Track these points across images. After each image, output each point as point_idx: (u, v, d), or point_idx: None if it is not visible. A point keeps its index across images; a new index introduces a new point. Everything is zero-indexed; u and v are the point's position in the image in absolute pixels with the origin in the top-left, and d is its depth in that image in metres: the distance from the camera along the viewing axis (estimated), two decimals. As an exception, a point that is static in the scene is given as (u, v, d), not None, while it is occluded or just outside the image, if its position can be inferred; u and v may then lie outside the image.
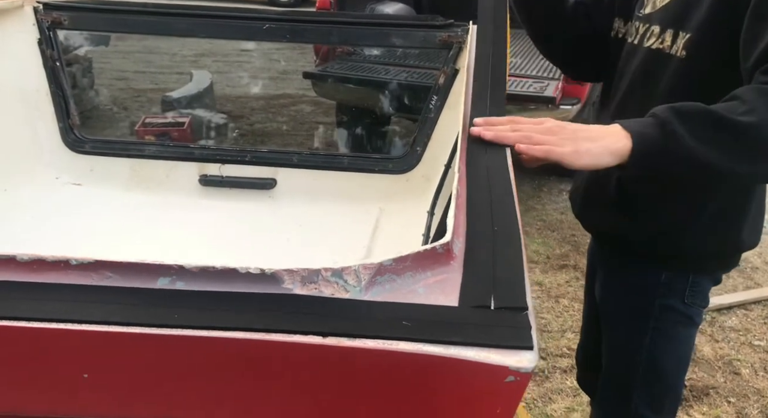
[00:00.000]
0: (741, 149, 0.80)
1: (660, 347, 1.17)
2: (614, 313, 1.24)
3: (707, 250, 1.12)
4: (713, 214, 1.07)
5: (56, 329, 0.49)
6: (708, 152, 0.80)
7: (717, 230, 1.09)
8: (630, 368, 1.20)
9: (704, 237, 1.09)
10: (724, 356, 2.41)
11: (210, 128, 4.28)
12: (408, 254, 0.56)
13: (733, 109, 0.81)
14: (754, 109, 0.79)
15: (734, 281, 2.93)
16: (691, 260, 1.13)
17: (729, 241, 1.13)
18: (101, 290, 0.53)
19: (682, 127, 0.80)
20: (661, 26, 1.02)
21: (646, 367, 1.19)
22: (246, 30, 2.12)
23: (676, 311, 1.15)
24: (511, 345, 0.47)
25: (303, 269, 0.54)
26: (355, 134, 4.06)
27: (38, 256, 0.53)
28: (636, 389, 1.21)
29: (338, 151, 4.18)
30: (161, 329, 0.49)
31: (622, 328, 1.22)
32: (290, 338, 0.48)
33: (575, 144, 0.83)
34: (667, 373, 1.20)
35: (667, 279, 1.14)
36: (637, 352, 1.18)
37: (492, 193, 0.72)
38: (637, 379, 1.20)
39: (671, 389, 1.23)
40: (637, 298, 1.16)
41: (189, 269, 0.54)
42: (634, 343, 1.19)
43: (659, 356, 1.17)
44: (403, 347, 0.47)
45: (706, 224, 1.07)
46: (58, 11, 2.17)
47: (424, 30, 2.01)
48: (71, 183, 2.27)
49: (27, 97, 2.21)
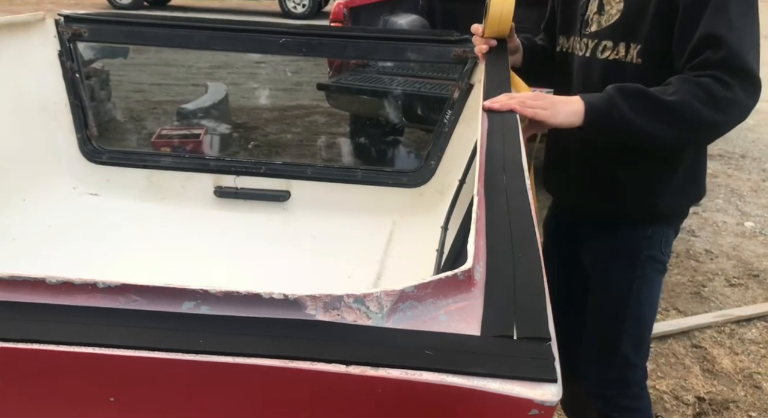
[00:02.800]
0: (664, 120, 1.10)
1: (643, 295, 1.39)
2: (606, 270, 1.43)
3: (676, 206, 1.38)
4: (679, 178, 1.33)
5: (84, 352, 0.50)
6: (640, 121, 1.10)
7: (683, 189, 1.35)
8: (621, 316, 1.40)
9: (674, 196, 1.34)
10: (744, 369, 2.37)
11: (225, 140, 4.31)
12: (430, 280, 0.56)
13: (663, 91, 1.10)
14: (678, 91, 1.08)
15: (753, 292, 2.89)
16: (665, 215, 1.38)
17: (691, 197, 1.40)
18: (128, 313, 0.54)
19: (623, 102, 1.10)
20: (613, 41, 1.28)
21: (633, 314, 1.40)
22: (262, 43, 2.14)
23: (656, 260, 1.39)
24: (535, 378, 0.46)
25: (325, 294, 0.54)
26: (369, 146, 4.06)
27: (67, 279, 0.54)
28: (624, 335, 1.41)
29: (352, 162, 4.20)
30: (186, 355, 0.49)
31: (613, 282, 1.42)
32: (314, 366, 0.48)
33: (553, 107, 1.14)
34: (647, 318, 1.43)
35: (651, 233, 1.37)
36: (626, 302, 1.39)
37: (511, 218, 0.72)
38: (626, 326, 1.41)
39: (648, 332, 1.46)
40: (628, 251, 1.38)
41: (213, 294, 0.54)
42: (624, 294, 1.39)
43: (643, 303, 1.40)
44: (426, 378, 0.47)
45: (675, 186, 1.33)
46: (79, 23, 2.20)
47: (439, 45, 2.02)
48: (88, 193, 2.30)
49: (46, 108, 2.25)
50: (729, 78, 1.07)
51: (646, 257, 1.38)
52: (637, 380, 1.47)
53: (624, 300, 1.40)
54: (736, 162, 4.69)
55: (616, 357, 1.43)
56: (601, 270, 1.44)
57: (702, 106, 1.07)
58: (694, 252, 3.29)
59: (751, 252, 3.31)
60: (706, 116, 1.08)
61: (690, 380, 2.31)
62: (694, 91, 1.07)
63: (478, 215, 0.70)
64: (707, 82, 1.07)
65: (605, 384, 1.47)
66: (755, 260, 3.22)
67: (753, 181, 4.34)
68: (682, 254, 3.27)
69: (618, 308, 1.41)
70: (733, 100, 1.08)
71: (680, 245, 3.34)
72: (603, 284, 1.44)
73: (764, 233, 3.55)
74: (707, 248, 3.34)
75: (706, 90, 1.07)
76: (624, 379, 1.46)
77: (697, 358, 2.44)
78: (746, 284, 3.01)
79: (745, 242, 3.43)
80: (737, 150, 4.94)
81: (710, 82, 1.07)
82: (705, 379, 2.33)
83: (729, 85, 1.07)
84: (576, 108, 1.14)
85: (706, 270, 3.12)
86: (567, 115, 1.14)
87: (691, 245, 3.36)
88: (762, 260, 3.23)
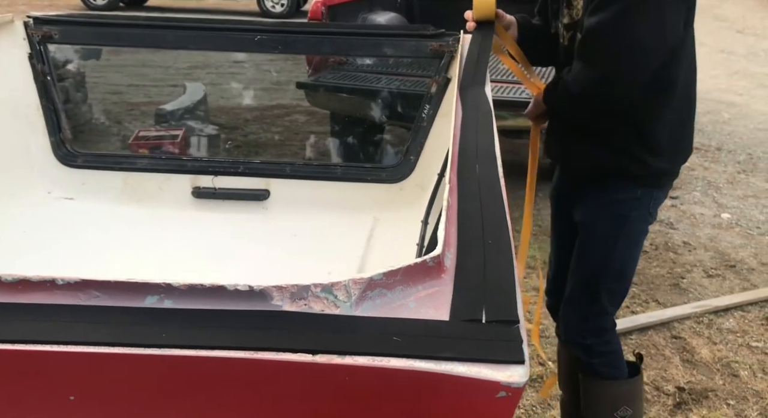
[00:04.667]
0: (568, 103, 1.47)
1: (626, 252, 1.53)
2: (593, 225, 1.55)
3: (666, 169, 1.52)
4: (669, 146, 1.48)
5: (42, 351, 0.48)
6: (559, 105, 1.50)
7: (674, 155, 1.51)
8: (603, 270, 1.54)
9: (665, 160, 1.49)
10: (722, 358, 2.40)
11: (204, 140, 4.27)
12: (398, 267, 0.55)
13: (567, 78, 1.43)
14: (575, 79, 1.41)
15: (731, 282, 2.93)
16: (656, 179, 1.51)
17: (679, 160, 1.55)
18: (88, 309, 0.52)
19: (552, 93, 1.50)
20: (580, 33, 1.44)
21: (615, 267, 1.54)
22: (238, 42, 2.12)
23: (642, 220, 1.52)
24: (503, 360, 0.46)
25: (292, 284, 0.53)
26: (349, 143, 4.05)
27: (23, 276, 0.52)
28: (605, 286, 1.55)
29: (332, 160, 4.18)
30: (148, 349, 0.48)
31: (599, 237, 1.54)
32: (280, 357, 0.47)
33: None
34: (628, 273, 1.57)
35: (640, 194, 1.50)
36: (610, 256, 1.53)
37: (483, 205, 0.71)
38: (607, 280, 1.54)
39: (626, 286, 1.60)
40: (618, 210, 1.50)
41: (177, 287, 0.53)
42: (609, 248, 1.52)
43: (625, 259, 1.54)
44: (394, 364, 0.46)
45: (656, 143, 1.47)
46: (49, 26, 2.16)
47: (416, 40, 2.02)
48: (63, 197, 2.26)
49: (18, 112, 2.20)
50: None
51: (635, 216, 1.51)
52: (609, 327, 1.62)
53: (607, 256, 1.53)
54: (713, 155, 4.76)
55: (594, 307, 1.57)
56: (590, 225, 1.56)
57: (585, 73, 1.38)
58: (672, 244, 3.33)
59: (728, 243, 3.36)
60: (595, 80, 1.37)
61: (670, 371, 2.34)
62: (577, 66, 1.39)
63: (450, 203, 0.70)
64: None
65: (583, 334, 1.61)
66: (732, 251, 3.27)
67: (729, 174, 4.40)
68: (660, 246, 3.30)
69: (602, 263, 1.54)
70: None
71: (659, 238, 3.38)
72: (589, 239, 1.57)
73: (740, 224, 3.60)
74: (685, 240, 3.38)
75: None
76: (600, 327, 1.60)
77: (677, 348, 2.47)
78: (723, 274, 3.06)
79: (722, 233, 3.48)
80: (713, 143, 5.01)
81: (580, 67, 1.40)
82: (685, 369, 2.35)
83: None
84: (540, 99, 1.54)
85: (684, 262, 3.16)
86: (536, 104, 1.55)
87: (669, 237, 3.39)
88: (738, 251, 3.28)
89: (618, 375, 1.64)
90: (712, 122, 5.49)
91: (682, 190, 4.04)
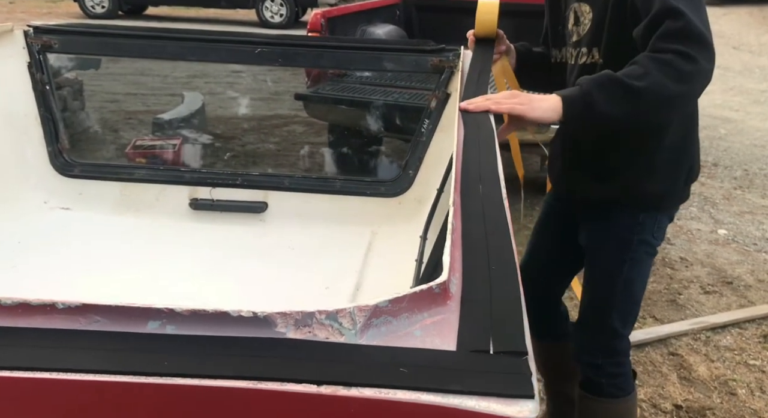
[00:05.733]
0: (637, 104, 1.17)
1: (634, 275, 1.52)
2: (598, 251, 1.56)
3: (664, 190, 1.47)
4: (665, 162, 1.43)
5: (41, 378, 0.47)
6: (616, 109, 1.17)
7: (670, 173, 1.46)
8: (611, 293, 1.54)
9: (661, 180, 1.45)
10: (720, 376, 2.39)
11: (201, 150, 4.27)
12: (404, 294, 0.54)
13: (631, 74, 1.16)
14: (646, 73, 1.14)
15: (728, 299, 2.93)
16: (654, 199, 1.48)
17: (679, 181, 1.49)
18: (88, 334, 0.51)
19: (597, 93, 1.17)
20: (587, 48, 1.43)
21: (623, 290, 1.53)
22: (238, 54, 2.12)
23: (647, 244, 1.50)
24: (512, 394, 0.45)
25: (296, 311, 0.52)
26: (347, 155, 4.05)
27: (23, 300, 0.52)
28: (614, 309, 1.54)
29: (330, 171, 4.18)
30: (150, 378, 0.47)
31: (604, 263, 1.54)
32: (283, 387, 0.46)
33: (530, 103, 1.20)
34: (636, 294, 1.56)
35: (642, 219, 1.47)
36: (617, 280, 1.52)
37: (487, 227, 0.71)
38: (616, 303, 1.54)
39: (636, 307, 1.59)
40: (621, 235, 1.50)
41: (179, 313, 0.52)
42: (615, 273, 1.52)
43: (632, 281, 1.53)
44: (400, 397, 0.45)
45: (661, 170, 1.43)
46: (48, 35, 2.16)
47: (416, 54, 2.02)
48: (60, 207, 2.24)
49: (15, 121, 2.19)
50: (691, 50, 1.14)
51: (638, 241, 1.49)
52: (623, 350, 1.62)
53: (615, 279, 1.53)
54: (709, 170, 4.78)
55: (606, 329, 1.57)
56: (595, 251, 1.57)
57: (672, 82, 1.14)
58: (669, 260, 3.33)
59: (725, 259, 3.36)
60: (675, 91, 1.16)
61: (667, 388, 2.33)
62: (662, 69, 1.14)
63: (454, 225, 0.69)
64: (671, 59, 1.14)
65: (594, 353, 1.61)
66: (728, 267, 3.27)
67: (725, 190, 4.42)
68: (657, 261, 3.31)
69: (609, 286, 1.54)
70: (698, 71, 1.15)
71: (656, 253, 3.38)
72: (596, 264, 1.58)
73: (737, 241, 3.61)
74: (682, 256, 3.38)
75: (672, 66, 1.14)
76: (612, 349, 1.60)
77: (674, 365, 2.46)
78: (720, 291, 3.06)
79: (718, 249, 3.49)
80: (710, 159, 5.04)
81: (674, 58, 1.14)
82: (682, 386, 2.34)
83: (691, 57, 1.14)
84: (552, 103, 1.20)
85: (681, 278, 3.16)
86: (544, 110, 1.20)
87: (666, 253, 3.40)
88: (735, 267, 3.28)
89: (621, 395, 1.64)
90: (708, 138, 5.53)
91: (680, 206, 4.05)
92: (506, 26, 1.66)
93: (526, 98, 1.22)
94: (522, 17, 2.80)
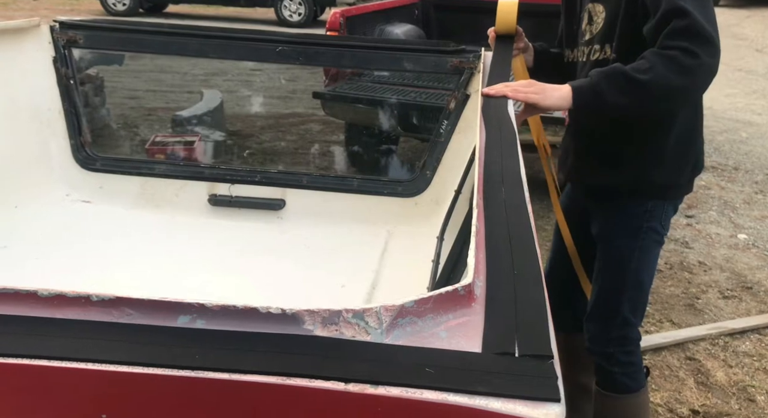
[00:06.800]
0: (642, 95, 1.26)
1: (643, 263, 1.57)
2: (610, 239, 1.60)
3: (670, 178, 1.53)
4: (671, 151, 1.48)
5: (76, 368, 0.48)
6: (622, 99, 1.27)
7: (676, 162, 1.51)
8: (622, 282, 1.58)
9: (668, 169, 1.50)
10: (738, 382, 2.36)
11: (219, 147, 4.30)
12: (430, 295, 0.55)
13: (639, 68, 1.25)
14: (652, 66, 1.23)
15: (747, 304, 2.89)
16: (661, 187, 1.53)
17: (684, 170, 1.54)
18: (122, 327, 0.52)
19: (605, 83, 1.27)
20: (600, 45, 1.50)
21: (633, 280, 1.57)
22: (259, 52, 2.14)
23: (655, 232, 1.56)
24: (538, 397, 0.46)
25: (324, 309, 0.53)
26: (364, 154, 4.06)
27: (60, 292, 0.53)
28: (625, 298, 1.59)
29: (347, 170, 4.19)
30: (182, 371, 0.48)
31: (616, 251, 1.59)
32: (312, 383, 0.47)
33: (544, 92, 1.32)
34: (645, 284, 1.60)
35: (651, 207, 1.53)
36: (627, 269, 1.57)
37: (510, 230, 0.71)
38: (627, 291, 1.58)
39: (646, 297, 1.64)
40: (631, 222, 1.55)
41: (210, 308, 0.53)
42: (625, 261, 1.57)
43: (642, 270, 1.58)
44: (427, 396, 0.46)
45: (668, 158, 1.49)
46: (74, 30, 2.19)
47: (436, 55, 2.02)
48: (81, 200, 2.28)
49: (40, 115, 2.23)
50: (694, 46, 1.22)
51: (646, 228, 1.55)
52: (634, 339, 1.66)
53: (625, 267, 1.57)
54: (729, 174, 4.72)
55: (617, 318, 1.61)
56: (606, 240, 1.62)
57: (674, 76, 1.22)
58: (687, 264, 3.30)
59: (745, 264, 3.32)
60: (677, 84, 1.24)
61: (684, 393, 2.30)
62: (666, 64, 1.23)
63: (478, 228, 0.69)
64: (675, 54, 1.22)
65: (607, 342, 1.65)
66: (748, 272, 3.23)
67: (746, 194, 4.36)
68: (675, 265, 3.27)
69: (620, 275, 1.59)
70: (699, 65, 1.23)
71: (674, 257, 3.34)
72: (607, 253, 1.62)
73: (757, 246, 3.56)
74: (701, 260, 3.35)
75: (676, 61, 1.22)
76: (624, 337, 1.64)
77: (692, 370, 2.44)
78: (740, 296, 3.02)
79: (738, 254, 3.45)
80: (730, 162, 4.97)
81: (678, 54, 1.22)
82: (699, 392, 2.32)
83: (695, 53, 1.21)
84: (564, 92, 1.32)
85: (699, 282, 3.12)
86: (556, 99, 1.32)
87: (684, 257, 3.36)
88: (755, 273, 3.24)
89: (635, 388, 1.68)
90: (729, 141, 5.45)
91: (698, 209, 4.01)
92: (524, 27, 1.70)
93: (541, 87, 1.33)
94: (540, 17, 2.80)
